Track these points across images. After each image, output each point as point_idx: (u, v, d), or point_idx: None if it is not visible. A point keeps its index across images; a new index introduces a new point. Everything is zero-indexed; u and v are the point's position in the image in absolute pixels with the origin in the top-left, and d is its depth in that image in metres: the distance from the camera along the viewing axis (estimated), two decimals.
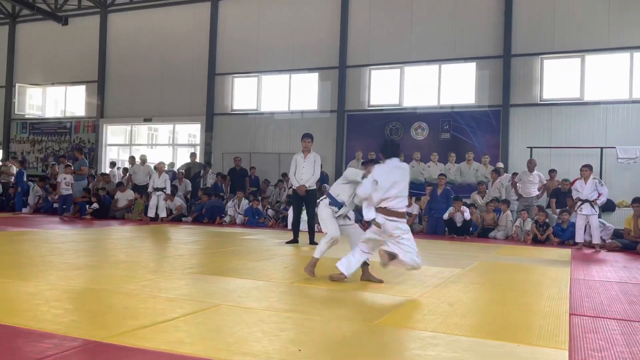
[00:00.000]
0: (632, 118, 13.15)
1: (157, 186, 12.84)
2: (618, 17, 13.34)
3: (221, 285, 4.82)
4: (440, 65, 15.03)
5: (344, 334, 3.27)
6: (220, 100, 17.59)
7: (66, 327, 3.17)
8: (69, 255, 6.57)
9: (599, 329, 3.67)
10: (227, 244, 8.83)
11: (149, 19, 18.81)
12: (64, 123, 20.17)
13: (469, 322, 3.78)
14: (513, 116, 14.14)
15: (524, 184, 12.31)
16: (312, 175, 8.72)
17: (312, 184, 8.79)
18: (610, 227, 10.66)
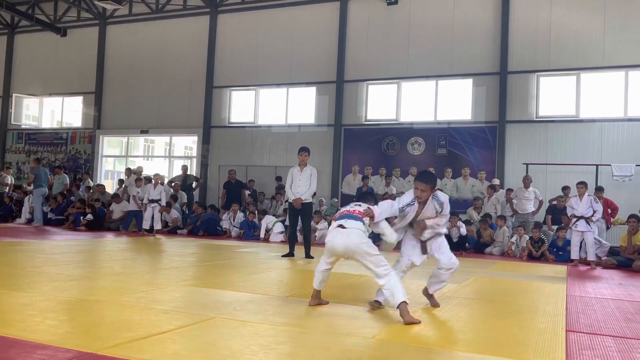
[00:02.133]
0: (627, 136, 13.25)
1: (152, 198, 12.81)
2: (613, 36, 13.50)
3: (216, 297, 4.79)
4: (437, 81, 15.14)
5: (341, 349, 3.25)
6: (217, 113, 17.63)
7: (60, 338, 3.14)
8: (63, 266, 6.53)
9: (596, 346, 3.66)
10: (223, 256, 8.79)
11: (147, 31, 18.91)
12: (60, 134, 20.16)
13: (466, 338, 3.77)
14: (509, 132, 14.23)
15: (520, 200, 12.35)
16: (308, 188, 8.74)
17: (308, 197, 8.81)
18: (605, 244, 10.67)
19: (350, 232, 4.31)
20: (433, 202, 4.59)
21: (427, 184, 4.54)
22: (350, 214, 4.45)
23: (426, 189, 4.52)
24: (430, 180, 4.61)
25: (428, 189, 4.53)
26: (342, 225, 4.36)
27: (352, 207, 4.56)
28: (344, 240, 4.31)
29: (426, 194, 4.53)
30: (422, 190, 4.52)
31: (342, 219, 4.42)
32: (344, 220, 4.39)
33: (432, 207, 4.59)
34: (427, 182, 4.56)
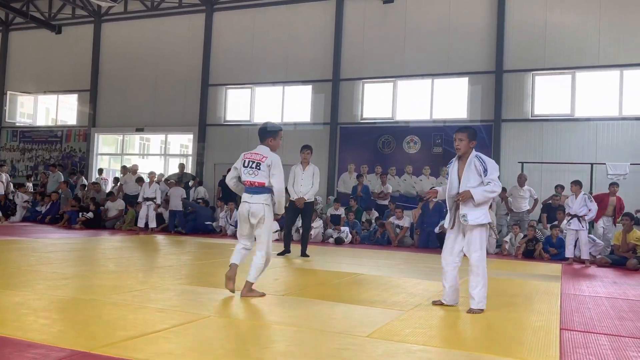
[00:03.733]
0: (622, 135, 13.30)
1: (148, 196, 12.78)
2: (608, 35, 13.53)
3: (212, 296, 4.78)
4: (433, 80, 15.15)
5: (334, 347, 3.25)
6: (213, 111, 17.59)
7: (54, 338, 3.13)
8: (57, 264, 6.51)
9: (590, 344, 3.67)
10: (218, 255, 8.78)
11: (142, 29, 18.84)
12: (55, 132, 20.07)
13: (460, 336, 3.78)
14: (504, 131, 14.25)
15: (515, 198, 12.38)
16: (310, 187, 8.62)
17: (310, 196, 8.70)
18: (600, 243, 10.72)
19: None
20: (474, 160, 4.49)
21: (464, 132, 4.57)
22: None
23: (464, 138, 4.54)
24: (467, 129, 4.61)
25: (465, 137, 4.54)
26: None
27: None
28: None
29: (464, 143, 4.52)
30: (460, 139, 4.54)
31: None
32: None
33: (474, 166, 4.46)
34: (464, 131, 4.57)
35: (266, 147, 4.97)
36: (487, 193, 4.40)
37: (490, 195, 4.43)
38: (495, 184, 4.40)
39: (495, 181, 4.41)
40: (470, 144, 4.54)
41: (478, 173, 4.45)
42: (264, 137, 5.02)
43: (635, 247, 9.59)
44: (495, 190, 4.41)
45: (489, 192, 4.40)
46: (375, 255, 9.82)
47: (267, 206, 4.79)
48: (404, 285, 5.93)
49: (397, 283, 6.13)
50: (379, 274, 7.00)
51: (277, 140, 5.02)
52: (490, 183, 4.40)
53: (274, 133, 5.01)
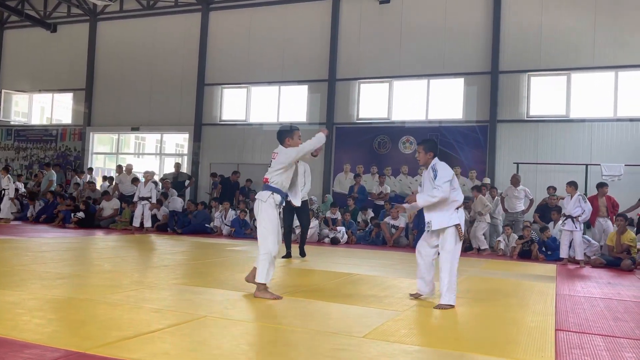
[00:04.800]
0: (617, 136, 13.35)
1: (143, 195, 12.71)
2: (603, 36, 13.59)
3: (207, 296, 4.77)
4: (429, 80, 15.17)
5: (331, 348, 3.25)
6: (208, 111, 17.56)
7: (48, 338, 3.11)
8: (52, 264, 6.48)
9: (585, 344, 3.68)
10: (214, 255, 8.77)
11: (138, 28, 18.79)
12: (50, 130, 19.99)
13: (456, 337, 3.78)
14: (500, 132, 14.29)
15: (510, 199, 12.39)
16: (304, 185, 8.47)
17: (304, 194, 8.53)
18: (594, 244, 10.75)
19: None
20: (430, 169, 4.87)
21: (421, 145, 4.99)
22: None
23: (421, 150, 4.97)
24: (424, 142, 5.01)
25: (422, 150, 4.95)
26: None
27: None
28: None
29: (422, 155, 4.96)
30: (419, 151, 5.00)
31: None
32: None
33: (429, 174, 4.87)
34: (422, 144, 4.99)
35: (283, 147, 5.06)
36: (429, 197, 4.76)
37: (431, 200, 4.76)
38: (438, 189, 4.70)
39: (440, 187, 4.70)
40: (428, 155, 4.93)
41: (431, 181, 4.82)
42: (282, 139, 5.10)
43: (629, 248, 9.63)
44: (435, 195, 4.71)
45: (431, 196, 4.75)
46: (371, 255, 9.83)
47: (263, 202, 4.83)
48: (400, 286, 5.94)
49: (393, 283, 6.14)
50: (375, 274, 7.01)
51: (294, 140, 5.07)
52: (436, 188, 4.72)
53: (290, 133, 5.09)
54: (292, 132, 5.10)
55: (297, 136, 5.09)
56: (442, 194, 4.70)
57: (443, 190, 4.69)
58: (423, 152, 4.93)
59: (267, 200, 4.84)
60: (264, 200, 4.83)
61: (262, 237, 4.80)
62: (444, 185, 4.70)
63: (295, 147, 4.95)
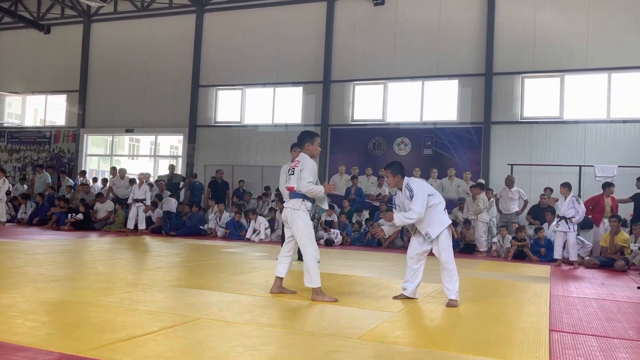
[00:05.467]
0: (610, 137, 13.42)
1: (137, 197, 12.67)
2: (596, 38, 13.66)
3: (202, 298, 4.76)
4: (424, 82, 15.20)
5: (325, 349, 3.24)
6: (203, 112, 17.53)
7: (42, 340, 3.10)
8: (46, 266, 6.45)
9: (579, 345, 3.70)
10: (208, 257, 8.75)
11: (132, 29, 18.75)
12: (43, 132, 19.91)
13: (450, 338, 3.79)
14: (494, 133, 14.33)
15: (504, 200, 12.43)
16: None
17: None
18: (588, 245, 10.80)
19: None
20: (405, 189, 4.98)
21: (387, 169, 5.11)
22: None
23: (389, 174, 5.07)
24: (390, 166, 5.11)
25: (390, 174, 5.06)
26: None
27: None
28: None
29: (390, 178, 5.08)
30: (387, 175, 5.10)
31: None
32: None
33: (404, 194, 4.98)
34: (388, 168, 5.10)
35: (304, 153, 5.09)
36: (405, 219, 4.93)
37: (407, 221, 4.94)
38: (413, 211, 4.85)
39: (415, 207, 4.84)
40: (397, 178, 5.05)
41: (408, 199, 4.93)
42: (302, 143, 5.13)
43: (623, 249, 9.67)
44: (411, 217, 4.89)
45: (407, 218, 4.91)
46: (366, 256, 9.83)
47: (296, 211, 4.93)
48: (395, 287, 5.94)
49: (387, 285, 6.14)
50: (370, 275, 7.01)
51: (314, 146, 5.11)
52: (411, 209, 4.86)
53: (311, 138, 5.12)
54: (313, 138, 5.14)
55: (317, 142, 5.15)
56: (416, 215, 4.85)
57: (417, 212, 4.84)
58: (392, 175, 5.04)
59: (300, 207, 4.94)
60: (297, 208, 4.94)
61: (304, 244, 4.93)
62: (419, 206, 4.83)
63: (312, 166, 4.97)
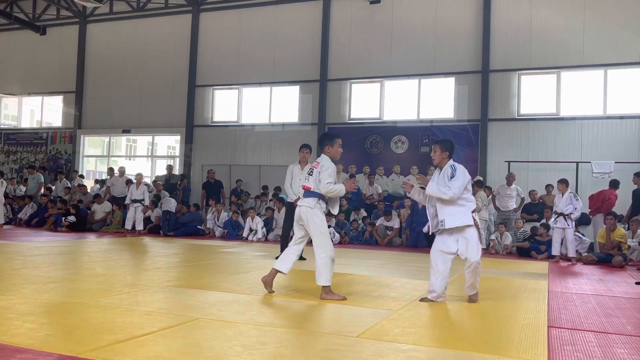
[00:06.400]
0: (606, 133, 13.45)
1: (135, 198, 12.64)
2: (592, 35, 13.69)
3: (200, 298, 4.76)
4: (420, 80, 15.21)
5: (324, 348, 3.25)
6: (200, 112, 17.52)
7: (40, 342, 3.09)
8: (43, 268, 6.43)
9: (577, 341, 3.71)
10: (206, 256, 8.74)
11: (128, 29, 18.72)
12: (40, 134, 19.87)
13: (449, 335, 3.79)
14: (491, 131, 14.35)
15: (502, 197, 12.46)
16: None
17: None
18: (586, 241, 10.82)
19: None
20: (448, 168, 4.87)
21: (437, 144, 5.00)
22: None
23: (437, 149, 4.97)
24: (441, 142, 5.03)
25: (438, 149, 4.97)
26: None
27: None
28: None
29: (437, 153, 4.97)
30: (434, 150, 5.01)
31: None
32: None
33: (446, 172, 4.85)
34: (438, 143, 5.01)
35: (325, 155, 5.08)
36: (439, 191, 4.77)
37: (440, 194, 4.76)
38: (450, 189, 4.70)
39: (454, 187, 4.70)
40: (443, 155, 4.94)
41: (447, 178, 4.80)
42: (322, 146, 5.13)
43: (620, 245, 9.70)
44: (446, 193, 4.72)
45: (440, 192, 4.76)
46: (364, 255, 9.83)
47: (311, 209, 4.91)
48: (393, 285, 5.95)
49: (386, 283, 6.15)
50: (368, 273, 7.01)
51: (334, 148, 5.09)
52: (448, 187, 4.72)
53: (331, 141, 5.11)
54: (334, 141, 5.12)
55: (338, 144, 5.13)
56: (451, 195, 4.70)
57: (453, 191, 4.70)
58: (439, 150, 4.94)
59: (315, 206, 4.91)
60: (312, 207, 4.91)
61: (320, 240, 4.89)
62: (457, 188, 4.70)
63: (331, 168, 4.95)
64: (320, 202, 4.94)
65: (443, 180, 4.82)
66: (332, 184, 4.87)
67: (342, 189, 4.90)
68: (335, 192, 4.88)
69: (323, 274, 4.83)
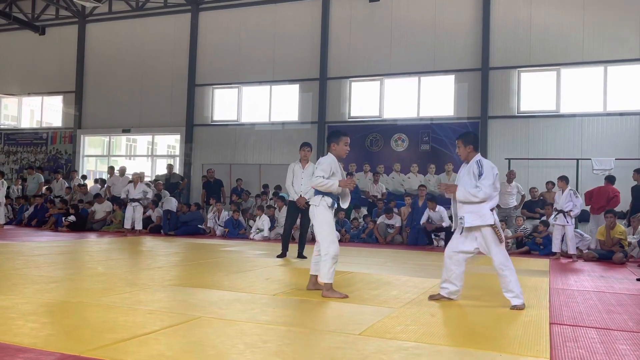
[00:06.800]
0: (607, 130, 13.44)
1: (133, 197, 12.58)
2: (592, 31, 13.67)
3: (202, 297, 4.76)
4: (420, 78, 15.20)
5: (326, 346, 3.25)
6: (200, 111, 17.52)
7: (43, 341, 3.09)
8: (45, 268, 6.44)
9: (579, 337, 3.71)
10: (208, 255, 8.74)
11: (128, 29, 18.71)
12: (40, 134, 19.87)
13: (451, 332, 3.80)
14: (491, 128, 14.35)
15: (502, 194, 12.44)
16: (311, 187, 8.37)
17: (311, 195, 8.45)
18: (587, 238, 10.82)
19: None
20: (474, 164, 4.69)
21: (459, 139, 4.83)
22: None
23: (460, 144, 4.81)
24: (462, 136, 4.84)
25: (461, 143, 4.80)
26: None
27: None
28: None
29: (461, 149, 4.81)
30: (458, 146, 4.85)
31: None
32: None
33: (472, 170, 4.67)
34: (460, 138, 4.84)
35: (330, 153, 5.07)
36: (469, 195, 4.58)
37: (471, 198, 4.57)
38: (481, 190, 4.53)
39: (484, 187, 4.53)
40: (468, 149, 4.77)
41: (474, 177, 4.62)
42: (329, 143, 5.14)
43: (620, 241, 9.70)
44: (477, 195, 4.54)
45: (471, 195, 4.57)
46: (364, 253, 9.83)
47: (316, 207, 4.94)
48: (395, 283, 5.95)
49: (387, 280, 6.15)
50: (369, 271, 7.01)
51: (339, 145, 5.06)
52: (478, 187, 4.55)
53: (336, 138, 5.09)
54: (338, 138, 5.09)
55: (344, 142, 5.08)
56: (484, 196, 4.53)
57: (485, 192, 4.52)
58: (462, 145, 4.78)
59: (320, 203, 4.93)
60: (317, 204, 4.94)
61: (321, 239, 4.90)
62: (488, 187, 4.53)
63: (327, 163, 4.93)
64: (325, 198, 4.93)
65: (470, 180, 4.64)
66: (321, 178, 4.86)
67: (333, 185, 4.86)
68: (325, 187, 4.86)
69: (323, 272, 4.84)
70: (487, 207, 4.59)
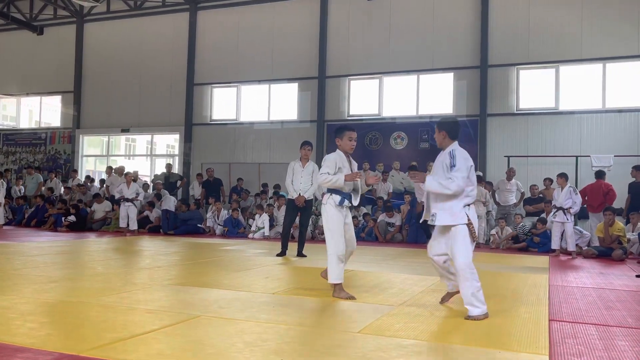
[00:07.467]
0: (606, 127, 13.44)
1: (127, 197, 12.51)
2: (591, 28, 13.67)
3: (201, 296, 4.76)
4: (419, 76, 15.20)
5: (326, 344, 3.25)
6: (199, 111, 17.51)
7: (41, 341, 3.09)
8: (44, 268, 6.43)
9: (578, 334, 3.71)
10: (207, 255, 8.74)
11: (126, 28, 18.69)
12: (38, 134, 19.86)
13: (450, 330, 3.79)
14: (490, 126, 14.35)
15: (502, 192, 12.47)
16: (310, 185, 8.26)
17: (310, 194, 8.36)
18: (586, 235, 10.83)
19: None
20: (447, 154, 4.23)
21: (436, 125, 4.41)
22: None
23: (436, 130, 4.39)
24: (438, 122, 4.40)
25: (437, 129, 4.38)
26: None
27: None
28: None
29: (436, 134, 4.38)
30: (436, 134, 4.41)
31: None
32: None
33: (444, 160, 4.22)
34: (436, 124, 4.42)
35: (338, 149, 4.99)
36: (439, 186, 4.09)
37: (442, 189, 4.09)
38: (453, 181, 4.05)
39: (457, 179, 4.05)
40: (441, 134, 4.30)
41: (445, 168, 4.18)
42: (335, 139, 5.04)
43: (620, 238, 9.70)
44: (449, 187, 4.05)
45: (443, 186, 4.08)
46: (364, 251, 9.83)
47: (324, 205, 4.90)
48: (394, 281, 5.95)
49: (387, 278, 6.15)
50: (369, 269, 7.01)
51: (343, 140, 4.94)
52: (450, 179, 4.07)
53: (340, 133, 4.99)
54: (342, 133, 4.96)
55: (347, 137, 4.93)
56: (456, 188, 4.04)
57: (457, 184, 4.03)
58: (437, 130, 4.34)
59: (327, 201, 4.87)
60: (324, 202, 4.89)
61: (326, 237, 4.86)
62: (461, 179, 4.04)
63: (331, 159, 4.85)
64: (333, 196, 4.85)
65: (442, 171, 4.19)
66: (326, 174, 4.80)
67: (338, 180, 4.75)
68: (330, 183, 4.79)
69: (330, 272, 4.78)
70: (460, 204, 4.12)
